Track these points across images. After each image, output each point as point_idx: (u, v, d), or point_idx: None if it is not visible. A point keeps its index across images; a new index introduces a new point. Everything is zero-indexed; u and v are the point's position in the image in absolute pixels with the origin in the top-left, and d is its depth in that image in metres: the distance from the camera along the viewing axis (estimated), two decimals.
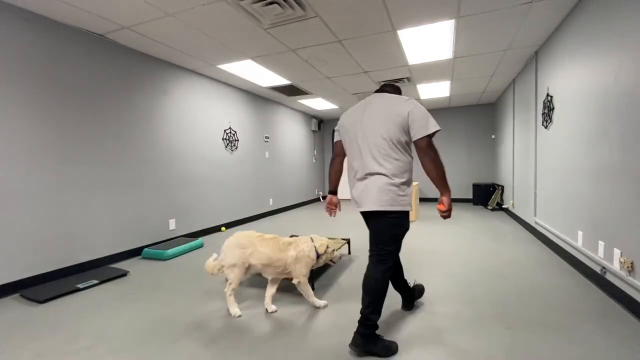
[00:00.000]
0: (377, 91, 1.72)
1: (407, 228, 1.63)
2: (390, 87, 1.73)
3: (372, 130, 1.56)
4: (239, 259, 1.94)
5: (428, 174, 1.55)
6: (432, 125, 1.50)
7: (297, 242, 2.05)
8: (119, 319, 1.98)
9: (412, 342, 1.64)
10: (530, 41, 3.45)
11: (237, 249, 1.97)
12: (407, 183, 1.57)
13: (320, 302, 2.07)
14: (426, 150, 1.50)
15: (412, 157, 1.63)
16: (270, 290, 2.06)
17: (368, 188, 1.57)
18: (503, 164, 5.99)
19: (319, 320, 1.91)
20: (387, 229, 1.58)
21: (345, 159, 1.82)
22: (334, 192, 1.98)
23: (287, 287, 2.43)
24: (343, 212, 6.27)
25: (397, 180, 1.53)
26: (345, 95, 5.81)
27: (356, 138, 1.63)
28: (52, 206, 2.69)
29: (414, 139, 1.52)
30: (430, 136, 1.50)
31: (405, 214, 1.60)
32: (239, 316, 1.96)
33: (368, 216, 1.67)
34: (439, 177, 1.54)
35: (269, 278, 2.06)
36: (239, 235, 2.04)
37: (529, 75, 4.08)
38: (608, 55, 2.14)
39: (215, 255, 2.07)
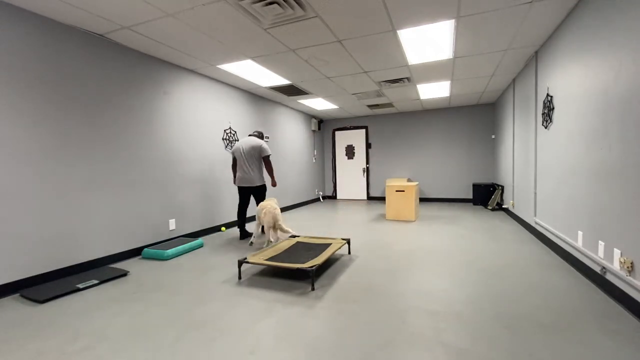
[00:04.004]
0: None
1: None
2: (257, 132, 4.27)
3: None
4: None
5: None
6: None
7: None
8: (119, 319, 1.99)
9: (412, 342, 1.64)
10: (530, 41, 3.45)
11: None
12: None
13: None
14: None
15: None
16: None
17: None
18: (503, 164, 5.99)
19: (318, 319, 1.91)
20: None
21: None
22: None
23: (286, 288, 2.44)
24: (343, 213, 6.27)
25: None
26: (345, 95, 5.82)
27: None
28: (52, 206, 2.69)
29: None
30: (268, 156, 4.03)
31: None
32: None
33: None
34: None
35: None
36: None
37: (529, 75, 4.09)
38: (608, 55, 2.14)
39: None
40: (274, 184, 4.05)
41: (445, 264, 2.91)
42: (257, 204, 3.99)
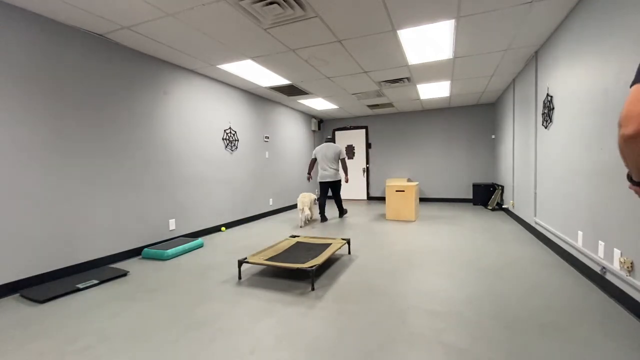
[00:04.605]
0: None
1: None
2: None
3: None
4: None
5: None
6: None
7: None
8: (119, 319, 1.99)
9: (412, 342, 1.64)
10: (530, 41, 3.45)
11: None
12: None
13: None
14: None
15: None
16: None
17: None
18: (503, 164, 5.99)
19: (318, 319, 1.91)
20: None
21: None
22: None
23: (286, 288, 2.44)
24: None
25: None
26: (345, 95, 5.82)
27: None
28: (52, 206, 2.69)
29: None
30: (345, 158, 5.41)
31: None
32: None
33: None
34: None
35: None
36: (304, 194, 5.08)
37: (529, 75, 4.09)
38: (608, 55, 2.14)
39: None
40: (347, 180, 5.30)
41: (445, 264, 2.91)
42: (335, 194, 5.43)
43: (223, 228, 4.72)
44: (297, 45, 3.45)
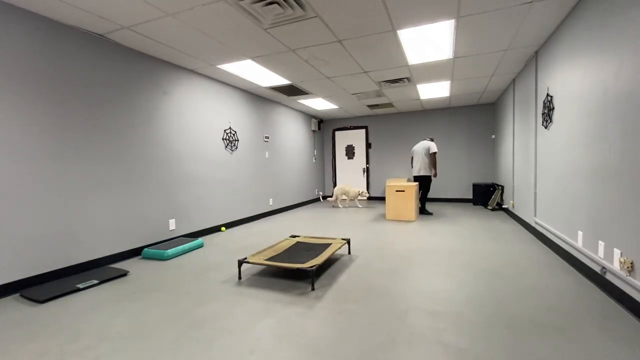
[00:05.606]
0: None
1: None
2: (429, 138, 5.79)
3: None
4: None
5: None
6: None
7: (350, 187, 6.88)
8: (119, 319, 1.99)
9: (412, 342, 1.64)
10: (530, 41, 3.45)
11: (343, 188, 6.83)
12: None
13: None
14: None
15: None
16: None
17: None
18: (503, 164, 5.99)
19: (318, 319, 1.91)
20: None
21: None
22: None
23: (286, 288, 2.44)
24: (343, 213, 6.26)
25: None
26: (345, 95, 5.81)
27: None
28: (52, 206, 2.69)
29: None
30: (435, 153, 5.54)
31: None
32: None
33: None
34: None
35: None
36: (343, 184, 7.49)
37: (529, 75, 4.09)
38: (608, 55, 2.14)
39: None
40: (435, 175, 5.55)
41: (445, 264, 2.91)
42: (421, 189, 5.69)
43: (223, 228, 4.72)
44: (297, 45, 3.45)
